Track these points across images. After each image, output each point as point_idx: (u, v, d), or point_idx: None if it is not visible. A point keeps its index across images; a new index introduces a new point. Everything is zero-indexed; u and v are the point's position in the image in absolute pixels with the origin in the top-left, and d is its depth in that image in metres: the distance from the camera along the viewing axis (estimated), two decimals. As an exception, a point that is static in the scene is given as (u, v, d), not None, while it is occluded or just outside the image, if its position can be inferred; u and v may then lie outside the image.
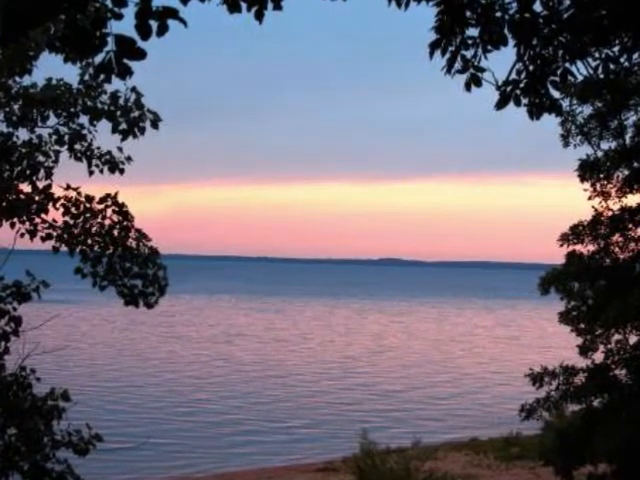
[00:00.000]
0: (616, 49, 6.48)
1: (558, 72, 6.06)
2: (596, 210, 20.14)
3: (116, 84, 10.21)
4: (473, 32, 6.05)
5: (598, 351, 20.72)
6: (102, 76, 4.37)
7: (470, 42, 6.07)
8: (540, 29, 6.01)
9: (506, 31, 5.96)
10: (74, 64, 9.46)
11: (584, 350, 20.75)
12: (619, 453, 18.45)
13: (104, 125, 10.44)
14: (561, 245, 20.32)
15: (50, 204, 10.46)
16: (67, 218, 10.49)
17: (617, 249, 20.20)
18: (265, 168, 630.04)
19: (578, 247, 20.28)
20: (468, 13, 6.10)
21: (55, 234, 10.47)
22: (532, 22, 5.95)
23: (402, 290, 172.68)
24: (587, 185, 20.13)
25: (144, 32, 4.20)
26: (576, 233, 20.09)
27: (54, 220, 10.50)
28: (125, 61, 4.25)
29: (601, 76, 6.82)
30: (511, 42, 5.99)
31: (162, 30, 4.24)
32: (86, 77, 10.37)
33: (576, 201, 27.82)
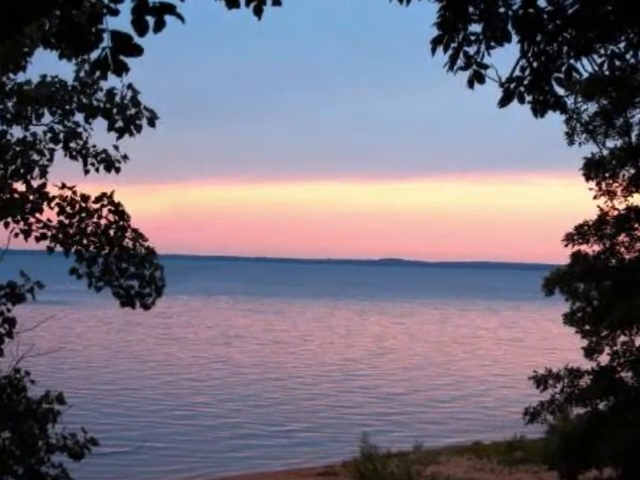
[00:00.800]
0: (622, 45, 6.44)
1: (563, 69, 6.05)
2: (602, 209, 20.02)
3: (112, 81, 10.10)
4: (476, 28, 6.05)
5: (603, 353, 20.61)
6: (98, 73, 4.35)
7: (473, 38, 6.08)
8: (544, 25, 6.00)
9: (510, 27, 5.93)
10: (69, 60, 9.37)
11: (589, 352, 20.63)
12: (625, 456, 18.34)
13: (100, 123, 10.36)
14: (566, 245, 20.21)
15: (45, 203, 10.38)
16: (62, 218, 10.41)
17: (623, 249, 20.11)
18: (264, 167, 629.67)
19: (583, 247, 20.19)
20: (471, 9, 6.07)
21: (50, 234, 10.37)
22: (536, 18, 5.91)
23: (403, 291, 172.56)
24: (592, 184, 20.03)
25: (141, 28, 4.17)
26: (581, 233, 19.98)
27: (49, 220, 10.41)
28: (121, 57, 4.23)
29: (606, 73, 6.72)
30: (515, 38, 5.98)
31: (159, 26, 4.20)
32: (81, 74, 10.27)
33: (579, 200, 27.79)
